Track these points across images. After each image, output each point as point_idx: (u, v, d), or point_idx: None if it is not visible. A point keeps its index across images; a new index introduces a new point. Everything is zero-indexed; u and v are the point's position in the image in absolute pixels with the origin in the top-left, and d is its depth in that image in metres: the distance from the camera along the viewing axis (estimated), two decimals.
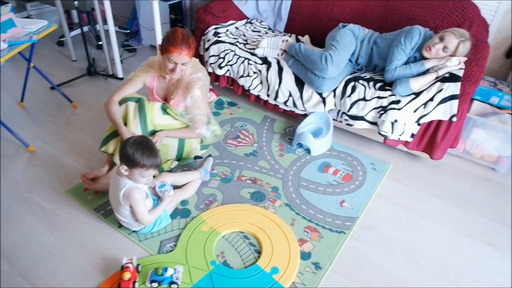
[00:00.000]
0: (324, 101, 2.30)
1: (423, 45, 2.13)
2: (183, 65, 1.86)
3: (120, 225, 1.77)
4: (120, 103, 1.93)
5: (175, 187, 1.89)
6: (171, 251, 1.67)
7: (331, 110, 2.36)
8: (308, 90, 2.33)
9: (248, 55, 2.51)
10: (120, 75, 3.07)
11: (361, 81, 2.20)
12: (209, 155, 2.17)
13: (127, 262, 1.50)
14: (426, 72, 2.11)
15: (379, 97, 2.13)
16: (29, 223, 1.79)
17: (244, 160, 2.23)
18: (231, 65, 2.58)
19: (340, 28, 2.32)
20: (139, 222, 1.64)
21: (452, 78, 2.01)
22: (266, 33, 2.86)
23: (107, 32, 2.99)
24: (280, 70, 2.40)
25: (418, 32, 2.14)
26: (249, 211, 1.87)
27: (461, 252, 1.76)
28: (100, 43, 3.56)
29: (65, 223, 1.80)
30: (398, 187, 2.12)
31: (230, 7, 2.88)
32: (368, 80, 2.20)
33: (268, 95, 2.52)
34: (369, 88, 2.16)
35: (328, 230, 1.81)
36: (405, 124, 2.11)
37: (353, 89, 2.20)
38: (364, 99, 2.17)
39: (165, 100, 2.04)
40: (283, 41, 2.45)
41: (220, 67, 2.61)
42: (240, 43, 2.59)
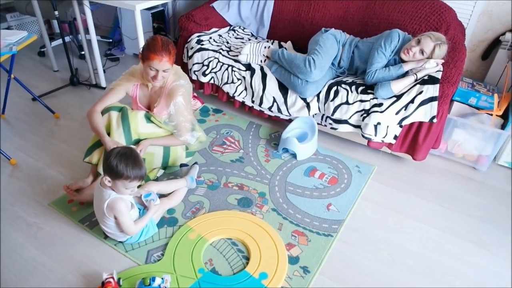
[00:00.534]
0: (308, 105, 2.33)
1: (402, 48, 2.19)
2: (165, 72, 1.86)
3: (106, 236, 1.75)
4: (102, 113, 1.91)
5: (161, 195, 1.88)
6: (158, 260, 1.66)
7: (315, 114, 2.39)
8: (292, 95, 2.36)
9: (231, 62, 2.52)
10: (103, 84, 3.05)
11: (343, 85, 2.24)
12: (195, 163, 2.17)
13: (108, 277, 1.48)
14: (406, 74, 2.16)
15: (361, 101, 2.17)
16: (13, 237, 1.75)
17: (231, 167, 2.24)
18: (215, 72, 2.59)
19: (323, 32, 2.36)
20: (124, 233, 1.62)
21: (431, 80, 2.06)
22: (249, 39, 2.88)
23: (89, 41, 2.97)
24: (264, 76, 2.42)
25: (397, 35, 2.20)
26: (236, 218, 1.87)
27: (445, 251, 1.80)
28: (82, 53, 3.53)
29: (50, 236, 1.77)
30: (383, 188, 2.16)
31: (213, 14, 2.90)
32: (350, 84, 2.24)
33: (252, 101, 2.53)
34: (352, 92, 2.20)
35: (316, 233, 1.83)
36: (387, 126, 2.15)
37: (336, 93, 2.23)
38: (347, 102, 2.21)
39: (149, 109, 2.04)
40: (265, 47, 2.48)
41: (204, 74, 2.62)
42: (223, 50, 2.60)
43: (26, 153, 2.30)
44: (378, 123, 2.14)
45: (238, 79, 2.51)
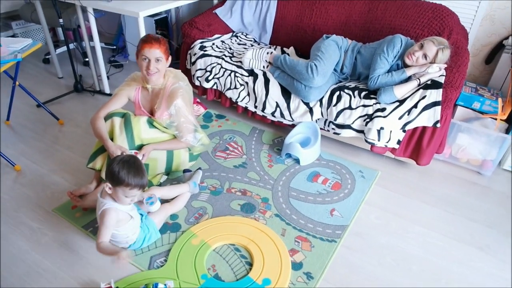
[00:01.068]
0: (311, 110, 2.33)
1: (405, 53, 2.19)
2: (158, 62, 1.88)
3: None
4: (105, 119, 1.93)
5: (164, 201, 1.88)
6: (161, 266, 1.65)
7: (318, 119, 2.39)
8: (295, 100, 2.36)
9: (234, 68, 2.53)
10: (107, 91, 3.07)
11: (346, 90, 2.24)
12: (199, 168, 2.17)
13: (105, 286, 1.48)
14: (408, 79, 2.16)
15: (364, 106, 2.17)
16: (16, 243, 1.76)
17: (234, 172, 2.23)
18: (218, 78, 2.60)
19: (324, 39, 2.37)
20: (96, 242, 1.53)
21: (434, 85, 2.06)
22: (252, 45, 2.90)
23: (93, 48, 3.00)
24: (267, 81, 2.42)
25: (399, 40, 2.20)
26: (239, 223, 1.87)
27: (450, 256, 1.78)
28: (86, 59, 3.56)
29: (53, 242, 1.77)
30: (387, 193, 2.14)
31: (215, 21, 2.92)
32: (353, 89, 2.24)
33: (255, 107, 2.54)
34: (354, 97, 2.20)
35: (319, 239, 1.82)
36: (391, 131, 2.14)
37: (339, 98, 2.23)
38: (350, 107, 2.20)
39: (151, 113, 2.05)
40: (267, 53, 2.49)
41: (207, 80, 2.63)
42: (226, 56, 2.62)
43: (30, 159, 2.31)
44: (381, 128, 2.13)
45: (241, 85, 2.52)
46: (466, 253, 1.80)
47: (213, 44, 2.77)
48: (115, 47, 3.84)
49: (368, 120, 2.17)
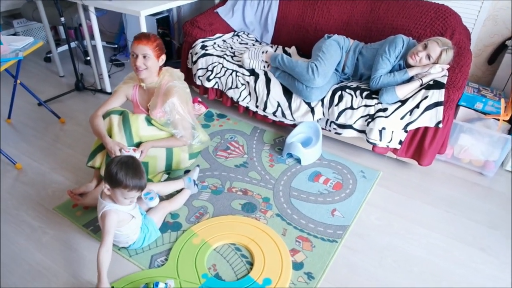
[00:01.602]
0: (312, 110, 2.32)
1: (407, 53, 2.18)
2: (145, 58, 1.87)
3: None
4: (103, 117, 1.93)
5: (163, 199, 1.87)
6: (162, 265, 1.65)
7: (319, 119, 2.38)
8: (296, 100, 2.35)
9: (235, 67, 2.53)
10: (108, 89, 3.07)
11: (348, 90, 2.23)
12: (197, 165, 2.17)
13: None
14: (411, 79, 2.15)
15: (366, 106, 2.16)
16: (17, 241, 1.75)
17: (235, 172, 2.23)
18: (219, 78, 2.60)
19: (326, 39, 2.36)
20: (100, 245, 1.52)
21: (436, 85, 2.05)
22: (253, 45, 2.89)
23: (94, 47, 2.99)
24: (268, 81, 2.42)
25: (401, 40, 2.19)
26: (240, 223, 1.86)
27: (452, 257, 1.77)
28: (88, 58, 3.56)
29: (54, 241, 1.77)
30: (388, 194, 2.14)
31: (217, 20, 2.91)
32: (354, 89, 2.23)
33: (257, 106, 2.53)
34: (356, 97, 2.19)
35: (320, 239, 1.81)
36: (392, 131, 2.13)
37: (340, 98, 2.22)
38: (352, 107, 2.20)
39: (148, 111, 2.05)
40: (263, 52, 2.48)
41: (208, 79, 2.62)
42: (227, 55, 2.61)
43: (31, 157, 2.31)
44: (383, 128, 2.12)
45: (242, 84, 2.52)
46: (467, 254, 1.79)
47: (215, 43, 2.76)
48: (116, 46, 3.84)
49: (369, 120, 2.16)
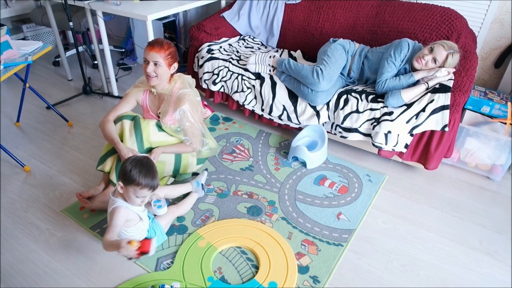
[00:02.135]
0: (318, 114, 2.33)
1: (413, 57, 2.18)
2: (156, 66, 1.87)
3: None
4: (115, 122, 1.94)
5: (170, 203, 1.89)
6: (168, 268, 1.66)
7: (325, 123, 2.39)
8: (302, 104, 2.36)
9: (241, 71, 2.54)
10: (115, 93, 3.10)
11: (353, 94, 2.23)
12: (205, 169, 2.18)
13: None
14: (416, 83, 2.15)
15: (371, 109, 2.16)
16: (25, 243, 1.78)
17: (240, 175, 2.24)
18: (225, 81, 2.61)
19: (331, 43, 2.37)
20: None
21: (442, 88, 2.04)
22: (259, 48, 2.91)
23: (102, 51, 3.03)
24: (274, 84, 2.43)
25: (407, 44, 2.19)
26: (246, 226, 1.87)
27: (458, 262, 1.76)
28: (95, 62, 3.60)
29: (61, 242, 1.78)
30: (394, 198, 2.13)
31: (223, 24, 2.94)
32: (360, 93, 2.23)
33: (262, 110, 2.54)
34: (362, 100, 2.19)
35: (326, 243, 1.81)
36: (398, 135, 2.13)
37: (346, 101, 2.23)
38: (357, 111, 2.20)
39: (159, 117, 2.06)
40: (270, 57, 2.49)
41: (214, 83, 2.64)
42: (233, 59, 2.63)
43: (39, 160, 2.34)
44: (389, 132, 2.12)
45: (248, 88, 2.53)
46: (474, 258, 1.78)
47: (221, 47, 2.78)
48: (123, 50, 3.88)
49: (375, 123, 2.16)
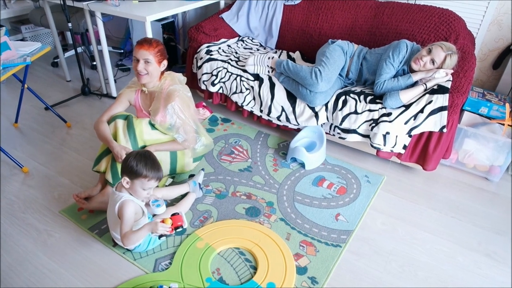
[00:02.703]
0: (316, 115, 2.33)
1: (411, 58, 2.19)
2: (146, 64, 1.89)
3: (114, 244, 1.76)
4: (108, 122, 1.95)
5: (170, 204, 1.88)
6: (166, 269, 1.66)
7: (323, 124, 2.39)
8: (300, 105, 2.36)
9: (240, 72, 2.54)
10: (114, 94, 3.10)
11: (352, 95, 2.23)
12: (201, 169, 2.18)
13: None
14: (415, 84, 2.15)
15: (370, 110, 2.16)
16: (23, 244, 1.77)
17: (239, 176, 2.24)
18: (223, 82, 2.62)
19: (329, 44, 2.37)
20: (120, 240, 1.58)
21: (440, 90, 2.05)
22: (258, 50, 2.91)
23: (101, 52, 3.03)
24: (272, 86, 2.43)
25: (405, 45, 2.20)
26: (244, 227, 1.87)
27: (457, 263, 1.76)
28: (94, 63, 3.60)
29: (59, 243, 1.78)
30: (393, 199, 2.13)
31: (222, 25, 2.94)
32: (358, 94, 2.23)
33: (261, 111, 2.54)
34: (360, 102, 2.19)
35: (324, 244, 1.81)
36: (396, 136, 2.13)
37: (344, 102, 2.23)
38: (356, 112, 2.20)
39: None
40: (269, 58, 2.49)
41: (213, 84, 2.64)
42: (232, 60, 2.63)
43: (38, 161, 2.34)
44: (387, 133, 2.12)
45: (247, 89, 2.53)
46: (473, 259, 1.78)
47: (219, 48, 2.78)
48: (122, 51, 3.88)
49: (373, 124, 2.16)
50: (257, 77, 2.49)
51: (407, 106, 2.09)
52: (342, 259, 1.75)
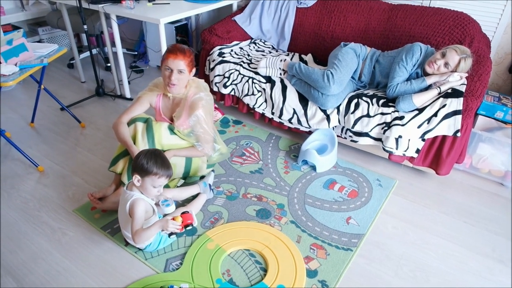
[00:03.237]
0: (328, 118, 2.32)
1: (425, 61, 2.17)
2: (180, 74, 1.90)
3: (126, 243, 1.78)
4: (128, 124, 1.96)
5: (181, 205, 1.90)
6: (177, 269, 1.67)
7: (335, 126, 2.38)
8: (312, 107, 2.36)
9: (252, 74, 2.55)
10: (128, 95, 3.14)
11: (364, 98, 2.22)
12: (212, 170, 2.19)
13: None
14: (428, 88, 2.13)
15: (382, 113, 2.15)
16: (38, 242, 1.81)
17: (250, 178, 2.24)
18: (235, 84, 2.63)
19: (342, 47, 2.37)
20: (131, 237, 1.60)
21: (454, 93, 2.02)
22: (270, 52, 2.92)
23: (115, 54, 3.08)
24: (284, 88, 2.43)
25: (419, 48, 2.18)
26: (254, 229, 1.87)
27: (469, 269, 1.73)
28: (108, 64, 3.65)
29: (73, 242, 1.81)
30: (405, 203, 2.11)
31: (234, 28, 2.95)
32: (371, 97, 2.22)
33: (272, 113, 2.55)
34: (373, 105, 2.18)
35: (335, 247, 1.80)
36: (409, 139, 2.11)
37: (357, 105, 2.22)
38: (368, 115, 2.19)
39: (172, 120, 2.08)
40: (281, 60, 2.50)
41: (225, 86, 2.66)
42: (244, 62, 2.64)
43: (53, 160, 2.38)
44: (400, 136, 2.11)
45: (258, 91, 2.54)
46: (486, 266, 1.75)
47: (232, 50, 2.80)
48: (136, 53, 3.93)
49: (386, 128, 2.15)
50: (269, 79, 2.50)
51: (421, 110, 2.07)
52: (352, 263, 1.74)
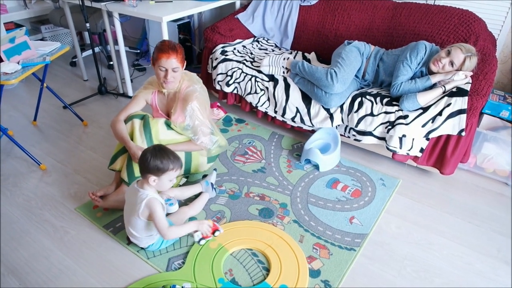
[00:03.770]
0: (331, 116, 2.31)
1: (429, 60, 2.15)
2: (174, 71, 1.89)
3: (129, 242, 1.78)
4: (126, 121, 1.97)
5: (183, 204, 1.89)
6: (179, 268, 1.66)
7: (338, 125, 2.37)
8: (315, 106, 2.34)
9: (255, 73, 2.54)
10: (130, 93, 3.13)
11: (368, 97, 2.21)
12: (214, 169, 2.18)
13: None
14: (433, 86, 2.11)
15: (386, 112, 2.13)
16: (40, 240, 1.80)
17: (252, 177, 2.23)
18: (238, 83, 2.62)
19: (346, 45, 2.35)
20: (160, 234, 1.60)
21: (459, 92, 2.00)
22: (273, 50, 2.90)
23: (118, 52, 3.07)
24: (287, 86, 2.42)
25: (423, 47, 2.16)
26: (257, 228, 1.86)
27: (474, 270, 1.72)
28: (111, 63, 3.65)
29: (75, 240, 1.81)
30: (409, 203, 2.09)
31: (237, 26, 2.94)
32: (375, 96, 2.20)
33: (275, 112, 2.54)
34: (376, 103, 2.16)
35: (338, 247, 1.79)
36: (413, 139, 2.10)
37: (360, 104, 2.20)
38: (372, 114, 2.17)
39: (168, 116, 2.08)
40: (284, 58, 2.48)
41: (227, 84, 2.65)
42: (247, 61, 2.63)
43: (55, 158, 2.38)
44: (404, 136, 2.09)
45: (261, 90, 2.53)
46: (491, 267, 1.74)
47: (234, 49, 2.79)
48: (138, 51, 3.93)
49: (390, 127, 2.13)
50: (272, 77, 2.48)
51: (425, 109, 2.05)
52: (356, 262, 1.72)
